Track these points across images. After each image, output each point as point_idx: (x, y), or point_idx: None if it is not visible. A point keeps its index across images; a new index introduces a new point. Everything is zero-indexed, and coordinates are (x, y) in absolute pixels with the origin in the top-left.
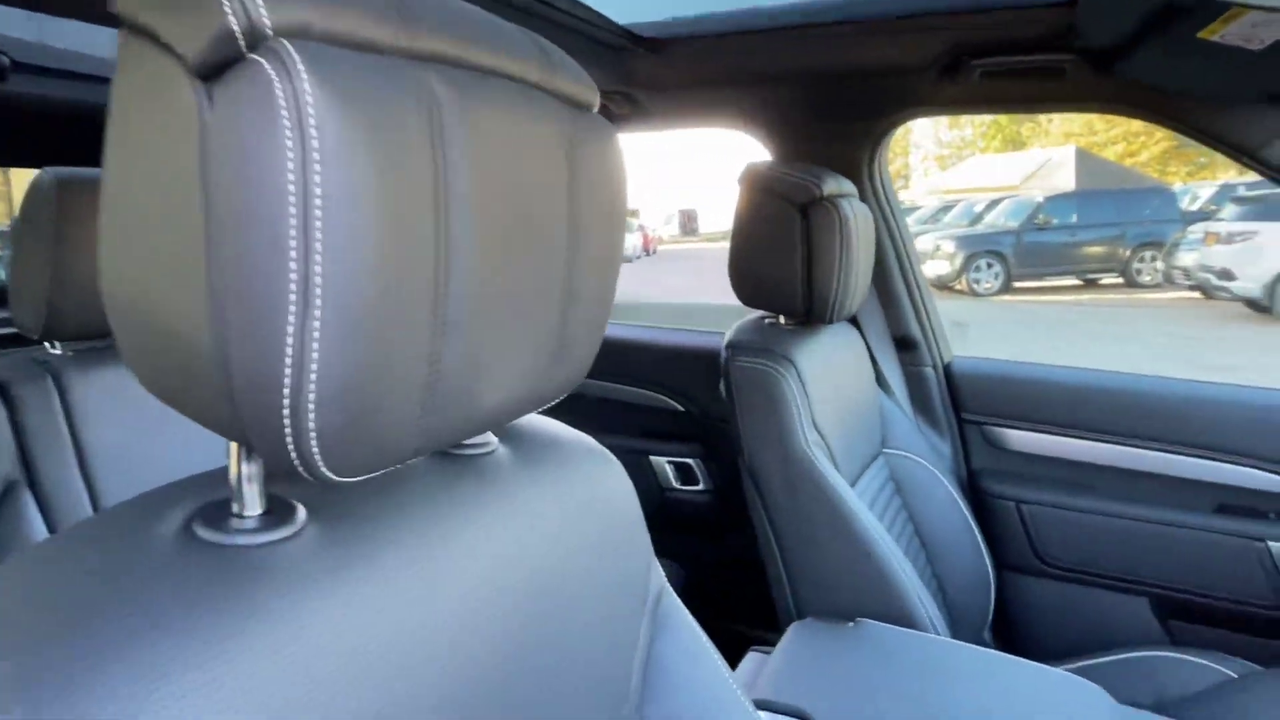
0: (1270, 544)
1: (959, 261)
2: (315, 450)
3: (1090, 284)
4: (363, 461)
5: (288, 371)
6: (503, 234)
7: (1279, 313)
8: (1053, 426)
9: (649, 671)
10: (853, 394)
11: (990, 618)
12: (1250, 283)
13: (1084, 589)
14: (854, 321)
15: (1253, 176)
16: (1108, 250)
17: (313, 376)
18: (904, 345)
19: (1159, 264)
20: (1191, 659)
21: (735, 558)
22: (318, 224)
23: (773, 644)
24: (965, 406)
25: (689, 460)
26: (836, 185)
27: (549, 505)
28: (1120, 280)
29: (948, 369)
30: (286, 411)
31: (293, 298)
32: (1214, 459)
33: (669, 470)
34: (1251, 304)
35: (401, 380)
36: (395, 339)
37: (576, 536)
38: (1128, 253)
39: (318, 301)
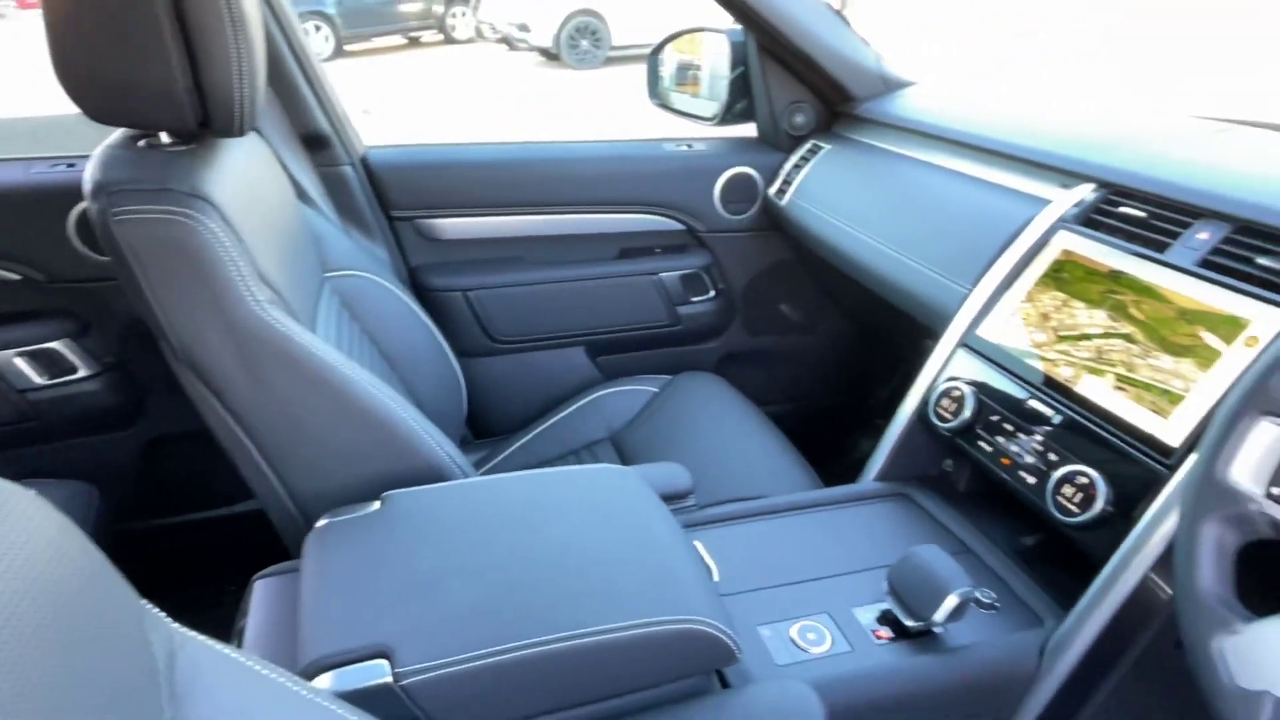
0: (661, 275)
1: None
2: None
3: (415, 42)
4: None
5: None
6: None
7: (565, 59)
8: (478, 209)
9: None
10: (284, 220)
11: (465, 412)
12: (541, 34)
13: (532, 355)
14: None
15: None
16: (424, 6)
17: None
18: (314, 144)
19: (470, 19)
20: (623, 388)
21: (158, 439)
22: None
23: (276, 554)
24: (392, 203)
25: (54, 345)
26: None
27: None
28: (440, 37)
29: (365, 163)
30: None
31: None
32: (614, 212)
33: (24, 367)
34: (544, 53)
35: None
36: None
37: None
38: (442, 8)
39: None
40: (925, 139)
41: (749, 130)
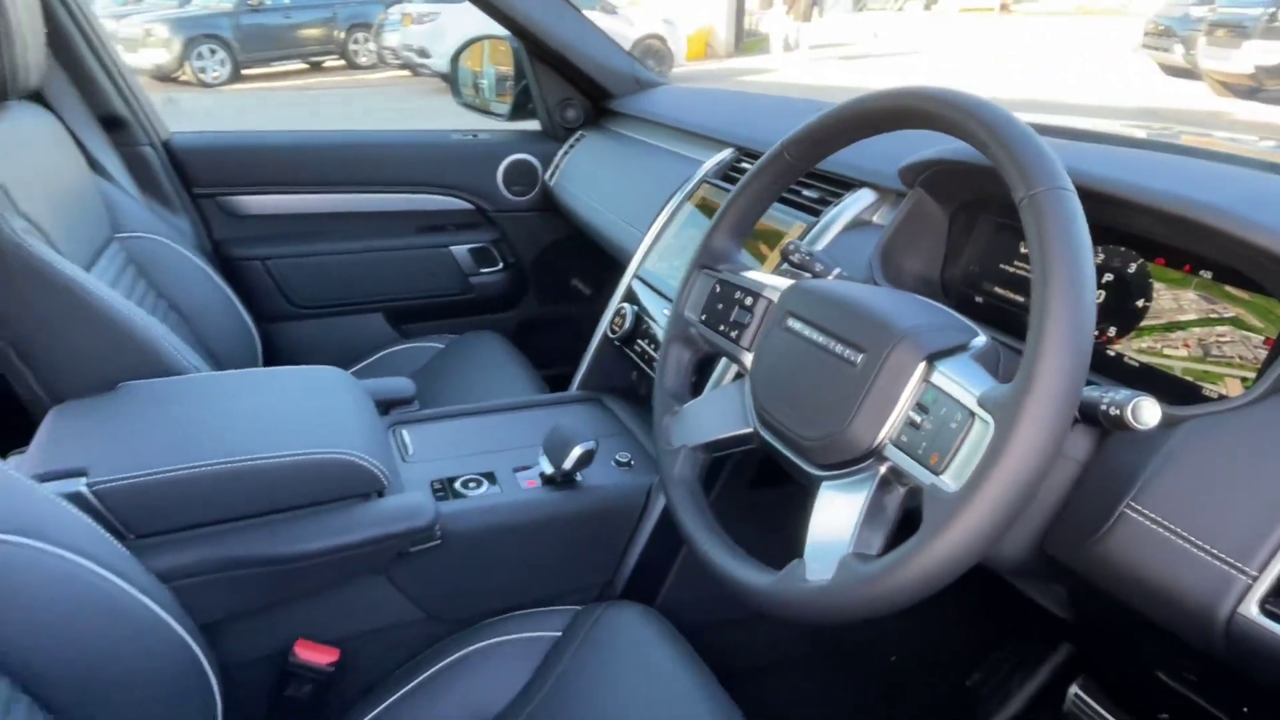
0: (451, 249)
1: (177, 48)
2: None
3: (316, 67)
4: None
5: None
6: None
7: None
8: (279, 186)
9: None
10: (63, 179)
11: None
12: (440, 59)
13: (332, 320)
14: (43, 103)
15: None
16: (324, 32)
17: None
18: (112, 125)
19: (371, 45)
20: (416, 344)
21: None
22: None
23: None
24: (196, 181)
25: None
26: None
27: None
28: (341, 62)
29: (168, 146)
30: None
31: None
32: (410, 192)
33: None
34: (445, 78)
35: None
36: None
37: None
38: (343, 34)
39: None
40: (656, 126)
41: (536, 125)
